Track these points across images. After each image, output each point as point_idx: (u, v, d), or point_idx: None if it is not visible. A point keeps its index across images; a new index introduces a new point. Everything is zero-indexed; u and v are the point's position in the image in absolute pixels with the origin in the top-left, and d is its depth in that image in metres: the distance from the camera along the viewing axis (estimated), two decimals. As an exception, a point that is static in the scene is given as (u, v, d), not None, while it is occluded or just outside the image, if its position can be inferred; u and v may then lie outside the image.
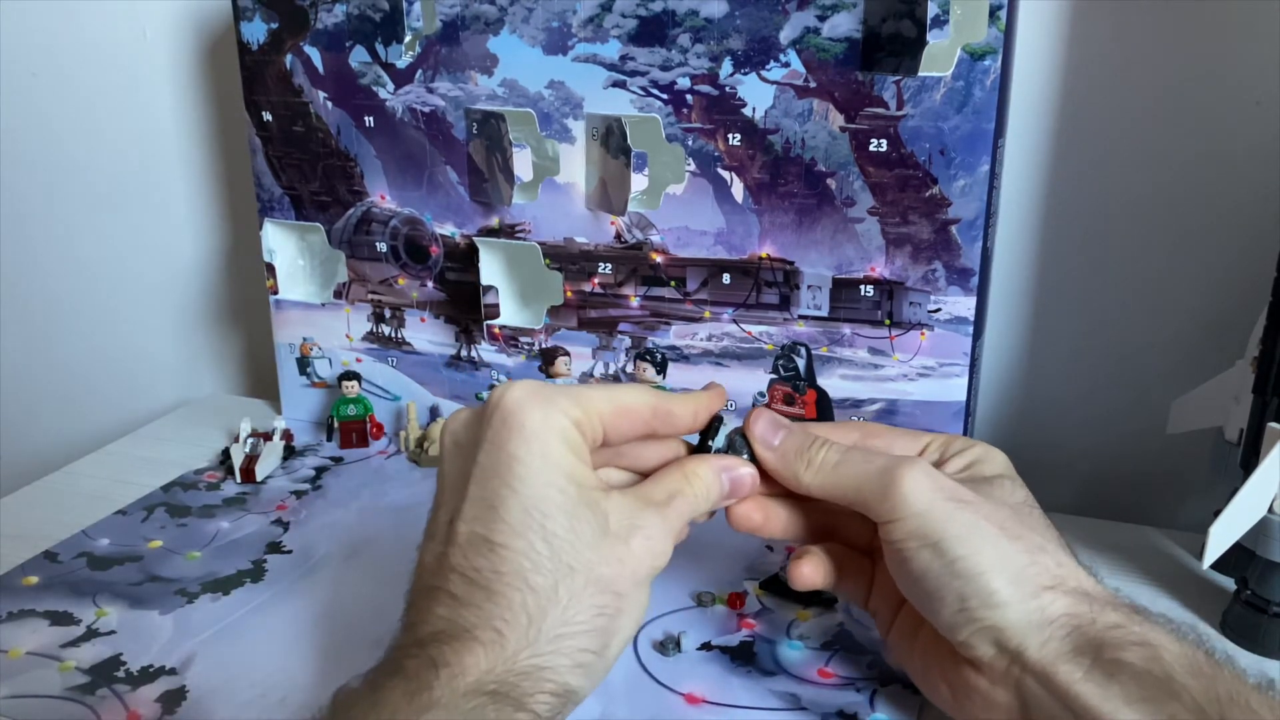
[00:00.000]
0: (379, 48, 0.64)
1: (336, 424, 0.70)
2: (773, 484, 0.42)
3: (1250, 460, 0.48)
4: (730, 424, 0.43)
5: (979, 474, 0.41)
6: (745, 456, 0.42)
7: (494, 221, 0.64)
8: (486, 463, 0.35)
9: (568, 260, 0.63)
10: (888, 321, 0.57)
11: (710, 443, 0.42)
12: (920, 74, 0.52)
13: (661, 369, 0.63)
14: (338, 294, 0.70)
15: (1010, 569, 0.36)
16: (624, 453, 0.41)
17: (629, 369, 0.64)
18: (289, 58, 0.66)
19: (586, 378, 0.65)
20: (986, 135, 0.52)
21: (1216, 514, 0.46)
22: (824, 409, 0.60)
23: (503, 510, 0.34)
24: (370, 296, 0.70)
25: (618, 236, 0.62)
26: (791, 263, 0.58)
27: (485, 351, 0.68)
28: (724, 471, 0.40)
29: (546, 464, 0.34)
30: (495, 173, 0.63)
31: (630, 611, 0.36)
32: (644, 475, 0.41)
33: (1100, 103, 0.61)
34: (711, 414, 0.41)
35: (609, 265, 0.62)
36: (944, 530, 0.36)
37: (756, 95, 0.56)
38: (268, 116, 0.68)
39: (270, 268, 0.71)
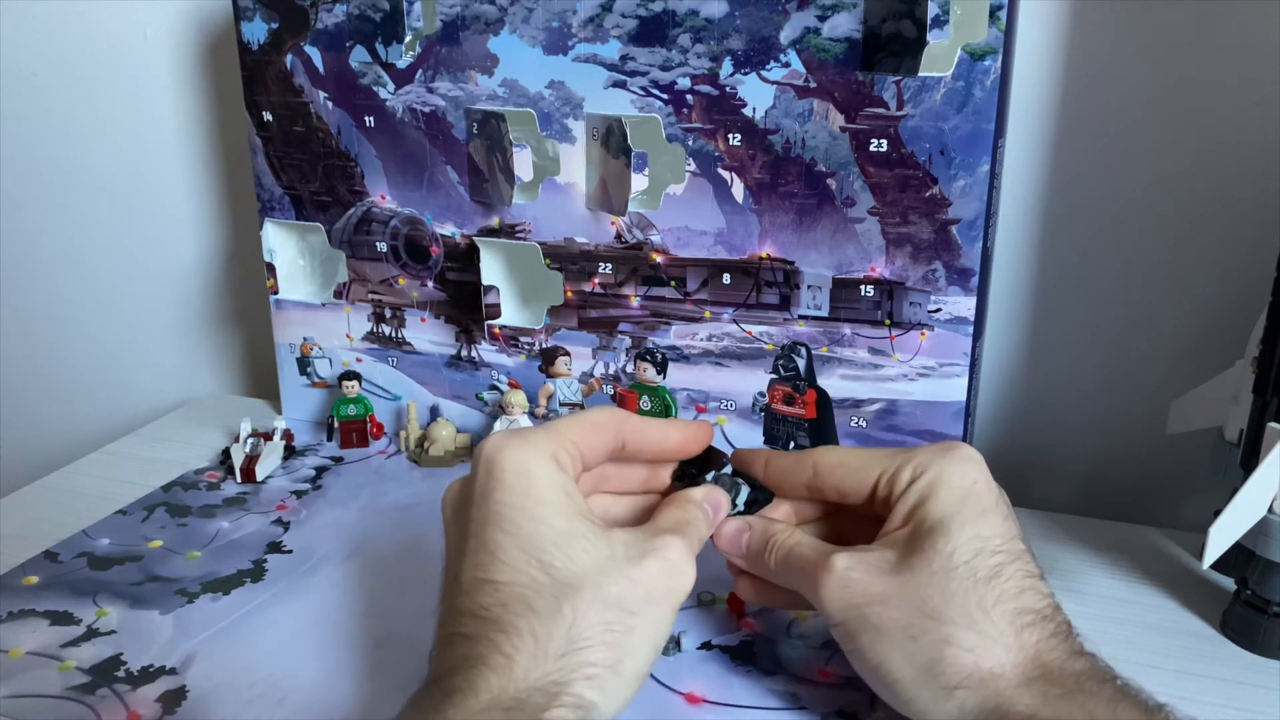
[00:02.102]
0: (379, 48, 0.64)
1: (337, 424, 0.70)
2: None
3: (1250, 460, 0.48)
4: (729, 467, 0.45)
5: (921, 523, 0.39)
6: (733, 498, 0.44)
7: (494, 221, 0.64)
8: (479, 516, 0.36)
9: (568, 260, 0.63)
10: (888, 321, 0.57)
11: (707, 478, 0.44)
12: (920, 74, 0.52)
13: (662, 369, 0.63)
14: (338, 294, 0.70)
15: (917, 674, 0.36)
16: (608, 476, 0.43)
17: (629, 369, 0.64)
18: (289, 58, 0.66)
19: (586, 378, 0.65)
20: (986, 135, 0.52)
21: (1216, 514, 0.46)
22: (824, 409, 0.60)
23: (500, 554, 0.35)
24: (370, 296, 0.70)
25: (618, 236, 0.62)
26: (792, 263, 0.58)
27: (485, 351, 0.68)
28: (705, 501, 0.42)
29: (531, 503, 0.36)
30: (495, 173, 0.63)
31: (644, 630, 0.35)
32: (634, 497, 0.44)
33: (1100, 103, 0.61)
34: (697, 443, 0.44)
35: (609, 265, 0.62)
36: (858, 640, 0.38)
37: (757, 95, 0.56)
38: (268, 116, 0.68)
39: (270, 268, 0.71)
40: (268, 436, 0.67)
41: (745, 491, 0.44)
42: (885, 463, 0.41)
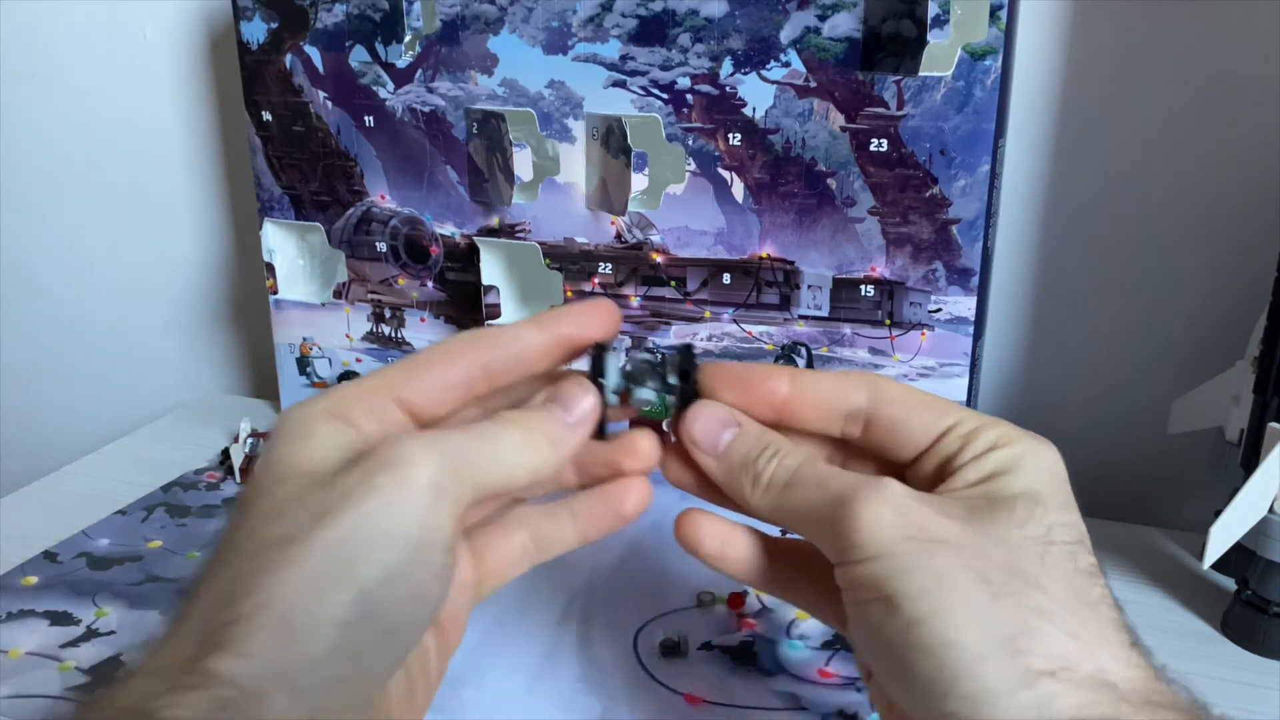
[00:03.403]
0: (379, 47, 0.63)
1: (336, 424, 0.69)
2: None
3: (1251, 460, 0.48)
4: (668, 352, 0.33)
5: (997, 491, 0.29)
6: (652, 396, 0.33)
7: (494, 221, 0.64)
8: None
9: (568, 260, 0.63)
10: (888, 321, 0.57)
11: (602, 382, 0.32)
12: (921, 74, 0.52)
13: (662, 369, 0.63)
14: (337, 294, 0.70)
15: (990, 642, 0.25)
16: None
17: (629, 369, 0.64)
18: (289, 57, 0.66)
19: (586, 378, 0.65)
20: (987, 135, 0.52)
21: (1217, 514, 0.46)
22: (824, 409, 0.60)
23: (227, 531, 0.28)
24: (370, 296, 0.70)
25: (618, 236, 0.62)
26: (792, 263, 0.58)
27: (485, 351, 0.67)
28: (555, 402, 0.31)
29: (278, 466, 0.28)
30: (495, 172, 0.63)
31: (321, 550, 0.25)
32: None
33: (1101, 103, 0.61)
34: (594, 329, 0.33)
35: (609, 265, 0.62)
36: (903, 583, 0.26)
37: (757, 95, 0.56)
38: (267, 116, 0.68)
39: (270, 267, 0.71)
40: (267, 437, 0.66)
41: (672, 381, 0.33)
42: (962, 414, 0.31)
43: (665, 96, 0.58)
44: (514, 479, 0.29)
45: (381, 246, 0.68)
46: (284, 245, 0.71)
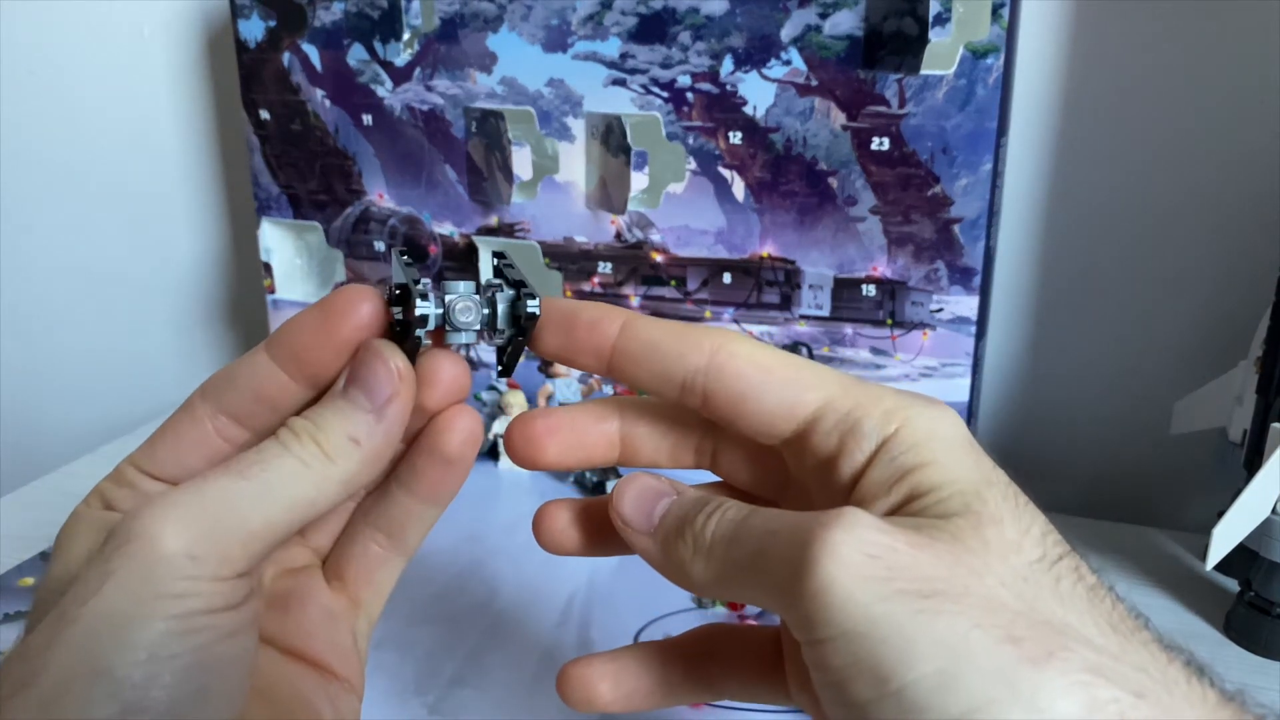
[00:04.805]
0: (377, 45, 0.63)
1: (335, 424, 0.69)
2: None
3: (1253, 461, 0.48)
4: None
5: (935, 509, 0.22)
6: (473, 340, 0.27)
7: (493, 220, 0.64)
8: None
9: (567, 259, 0.63)
10: (890, 321, 0.57)
11: (422, 304, 0.25)
12: (922, 72, 0.52)
13: (662, 369, 0.63)
14: (336, 293, 0.70)
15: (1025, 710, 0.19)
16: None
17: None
18: (286, 56, 0.65)
19: (586, 378, 0.65)
20: (989, 134, 0.52)
21: (1220, 515, 0.46)
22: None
23: None
24: (369, 296, 0.69)
25: (618, 236, 0.61)
26: (793, 262, 0.58)
27: (484, 351, 0.67)
28: (355, 384, 0.25)
29: (46, 582, 0.25)
30: (494, 171, 0.63)
31: (59, 656, 0.21)
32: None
33: (1103, 102, 0.60)
34: (329, 348, 0.25)
35: (609, 265, 0.62)
36: (900, 667, 0.19)
37: (757, 93, 0.56)
38: (265, 115, 0.67)
39: (267, 267, 0.70)
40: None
41: (506, 299, 0.28)
42: (825, 390, 0.25)
43: (665, 95, 0.58)
44: (313, 506, 0.24)
45: (380, 246, 0.67)
46: (281, 244, 0.71)
